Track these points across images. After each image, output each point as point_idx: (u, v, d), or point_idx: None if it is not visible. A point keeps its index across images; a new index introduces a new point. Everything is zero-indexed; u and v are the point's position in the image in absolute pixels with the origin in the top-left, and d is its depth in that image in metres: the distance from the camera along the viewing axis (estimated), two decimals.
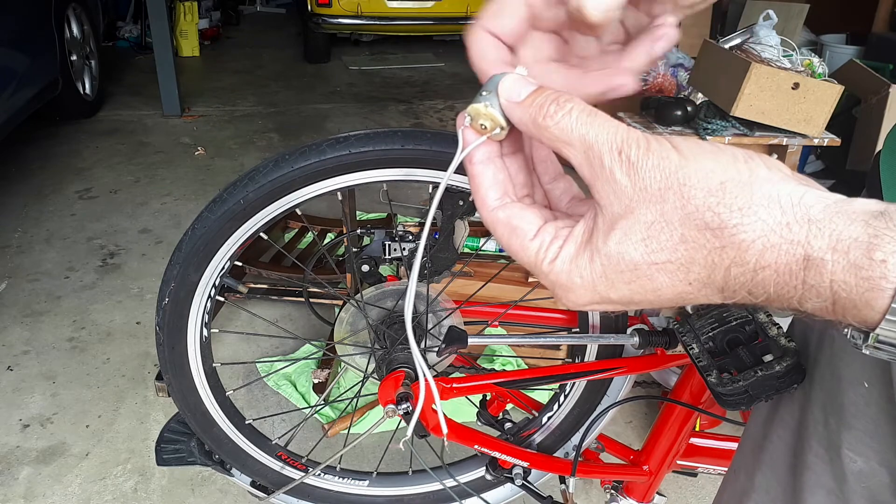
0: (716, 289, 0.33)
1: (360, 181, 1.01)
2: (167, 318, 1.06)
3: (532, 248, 0.37)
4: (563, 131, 0.35)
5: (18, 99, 3.06)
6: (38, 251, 2.71)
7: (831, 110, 2.58)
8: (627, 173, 0.33)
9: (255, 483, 1.30)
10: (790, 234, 0.31)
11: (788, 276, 0.31)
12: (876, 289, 0.30)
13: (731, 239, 0.32)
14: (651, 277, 0.34)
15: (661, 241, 0.33)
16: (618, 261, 0.34)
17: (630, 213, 0.34)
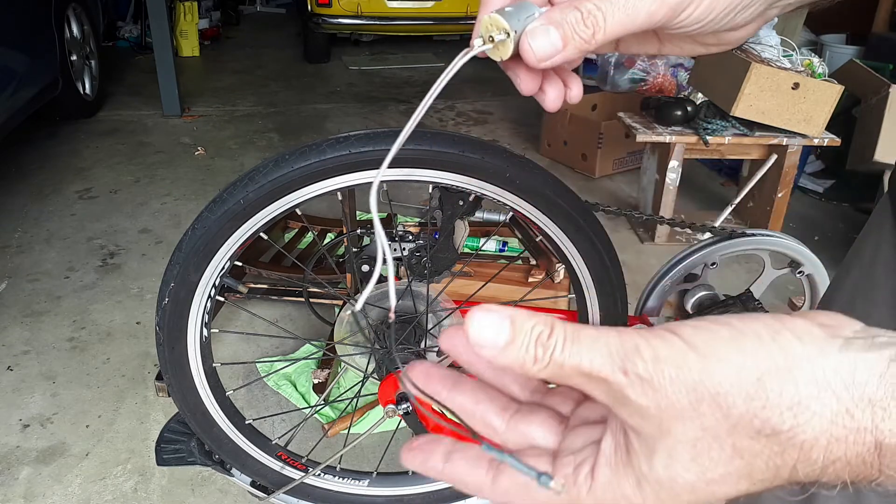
0: (784, 482, 0.30)
1: (360, 181, 1.02)
2: (167, 318, 1.06)
3: (561, 495, 0.32)
4: (557, 371, 0.31)
5: (18, 99, 3.06)
6: (38, 251, 2.71)
7: (831, 110, 2.58)
8: (645, 393, 0.29)
9: (254, 483, 1.30)
10: (853, 423, 0.28)
11: (862, 465, 0.28)
12: None
13: (790, 442, 0.28)
14: (711, 492, 0.30)
15: (713, 457, 0.29)
16: (671, 486, 0.30)
17: (668, 434, 0.30)
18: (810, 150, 3.37)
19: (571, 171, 3.60)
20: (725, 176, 3.60)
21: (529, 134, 4.10)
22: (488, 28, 0.37)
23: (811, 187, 3.46)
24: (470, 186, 1.05)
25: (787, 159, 2.73)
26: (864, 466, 0.28)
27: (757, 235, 1.40)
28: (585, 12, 0.37)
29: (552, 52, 0.37)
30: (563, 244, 1.09)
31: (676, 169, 2.76)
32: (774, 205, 2.83)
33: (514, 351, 0.31)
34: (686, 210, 3.14)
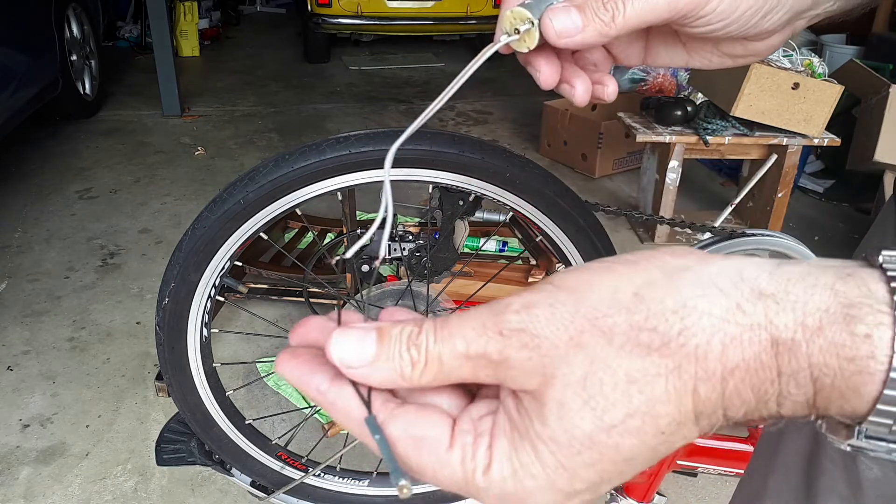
0: (691, 424, 0.27)
1: (360, 181, 1.01)
2: (167, 318, 1.06)
3: (454, 460, 0.28)
4: (438, 368, 0.28)
5: (18, 99, 3.06)
6: (38, 251, 2.71)
7: (831, 110, 2.58)
8: (524, 345, 0.27)
9: (254, 483, 1.30)
10: (746, 318, 0.26)
11: (761, 370, 0.26)
12: (863, 372, 0.25)
13: (683, 350, 0.26)
14: (616, 446, 0.27)
15: (608, 395, 0.26)
16: (568, 442, 0.27)
17: (554, 379, 0.27)
18: (810, 150, 3.37)
19: (571, 171, 3.60)
20: (725, 176, 3.60)
21: (529, 134, 4.10)
22: (512, 22, 0.38)
23: (811, 187, 3.46)
24: (470, 186, 1.04)
25: (787, 159, 2.73)
26: (764, 373, 0.26)
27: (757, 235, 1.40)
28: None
29: (573, 30, 0.37)
30: (563, 244, 1.09)
31: (676, 169, 2.75)
32: (774, 205, 2.83)
33: (386, 362, 0.29)
34: (686, 210, 3.14)
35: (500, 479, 0.28)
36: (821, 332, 0.25)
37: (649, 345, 0.26)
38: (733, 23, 0.39)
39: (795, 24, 0.42)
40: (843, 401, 0.26)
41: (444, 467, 0.29)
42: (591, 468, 0.27)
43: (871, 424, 0.26)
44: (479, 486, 0.28)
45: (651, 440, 0.27)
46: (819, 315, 0.25)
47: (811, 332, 0.25)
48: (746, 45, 0.43)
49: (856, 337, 0.25)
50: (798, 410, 0.27)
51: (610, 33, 0.37)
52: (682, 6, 0.37)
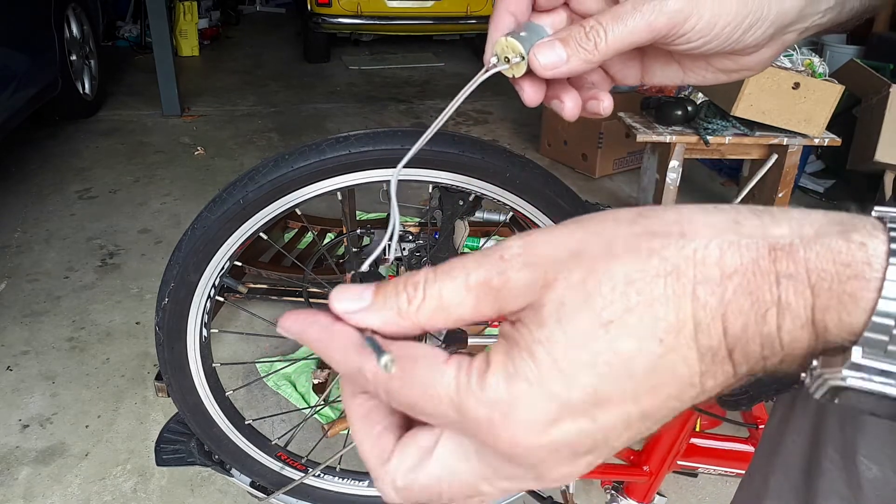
0: (689, 336, 0.26)
1: (360, 181, 1.01)
2: (167, 318, 1.06)
3: (449, 371, 0.28)
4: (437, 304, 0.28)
5: (18, 99, 3.06)
6: (38, 251, 2.71)
7: (832, 110, 2.58)
8: (525, 264, 0.28)
9: (254, 483, 1.30)
10: (744, 229, 0.27)
11: (759, 276, 0.26)
12: (860, 276, 0.25)
13: (682, 253, 0.26)
14: (614, 346, 0.26)
15: (606, 295, 0.26)
16: (564, 339, 0.26)
17: (552, 284, 0.27)
18: (811, 149, 3.36)
19: (572, 171, 3.59)
20: (726, 176, 3.60)
21: (529, 134, 4.09)
22: (504, 49, 0.41)
23: (812, 187, 3.45)
24: (470, 186, 1.04)
25: (788, 159, 2.73)
26: (762, 279, 0.26)
27: None
28: (588, 28, 0.39)
29: (557, 62, 0.40)
30: None
31: (677, 169, 2.75)
32: (775, 204, 2.83)
33: (384, 301, 0.29)
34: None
35: (493, 384, 0.27)
36: (817, 239, 0.26)
37: (649, 248, 0.27)
38: (713, 39, 0.40)
39: (785, 38, 0.43)
40: (842, 309, 0.25)
41: (437, 382, 0.28)
42: (589, 371, 0.26)
43: (866, 342, 0.25)
44: (472, 397, 0.27)
45: (651, 346, 0.26)
46: (815, 227, 0.26)
47: (808, 240, 0.26)
48: (737, 60, 0.44)
49: (851, 244, 0.25)
50: (798, 334, 0.26)
51: (595, 60, 0.40)
52: (661, 27, 0.39)
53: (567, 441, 0.27)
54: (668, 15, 0.38)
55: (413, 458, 0.30)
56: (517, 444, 0.27)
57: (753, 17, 0.40)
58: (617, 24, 0.39)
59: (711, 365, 0.27)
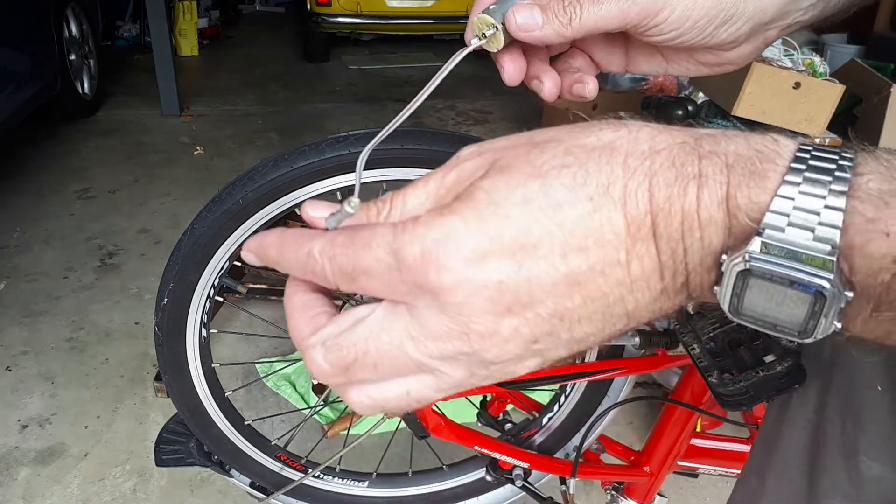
0: (618, 199, 0.28)
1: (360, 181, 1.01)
2: (166, 318, 1.06)
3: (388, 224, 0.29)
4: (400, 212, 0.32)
5: (17, 98, 3.06)
6: (37, 251, 2.70)
7: (833, 110, 2.58)
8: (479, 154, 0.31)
9: (254, 484, 1.29)
10: (675, 131, 0.30)
11: (684, 153, 0.28)
12: (770, 161, 0.28)
13: (617, 133, 0.29)
14: (547, 192, 0.28)
15: (546, 157, 0.29)
16: (504, 183, 0.28)
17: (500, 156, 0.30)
18: None
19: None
20: None
21: None
22: (479, 27, 0.42)
23: None
24: None
25: None
26: (686, 155, 0.28)
27: None
28: (567, 2, 0.40)
29: (533, 25, 0.41)
30: None
31: None
32: None
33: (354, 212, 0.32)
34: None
35: (426, 220, 0.28)
36: (739, 134, 0.29)
37: (589, 130, 0.30)
38: (686, 32, 0.41)
39: (766, 35, 0.44)
40: (752, 186, 0.27)
41: (377, 234, 0.29)
42: (522, 209, 0.27)
43: (767, 227, 0.27)
44: (407, 235, 0.28)
45: (580, 201, 0.27)
46: (736, 131, 0.29)
47: (731, 135, 0.29)
48: (718, 54, 0.45)
49: (766, 138, 0.29)
50: (714, 213, 0.27)
51: (567, 34, 0.41)
52: (633, 16, 0.40)
53: (492, 282, 0.27)
54: (640, 5, 0.39)
55: (346, 323, 0.31)
56: (444, 272, 0.27)
57: (728, 13, 0.40)
58: (593, 6, 0.40)
59: (637, 238, 0.28)
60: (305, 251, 0.31)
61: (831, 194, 0.26)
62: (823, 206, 0.26)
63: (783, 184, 0.27)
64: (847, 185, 0.27)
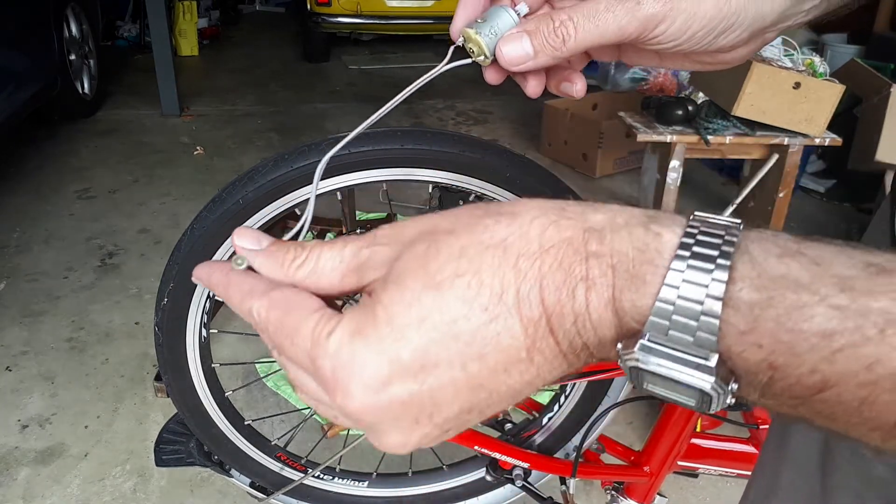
0: (512, 306, 0.28)
1: (360, 181, 1.01)
2: (166, 318, 1.06)
3: (311, 319, 0.31)
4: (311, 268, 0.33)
5: (17, 98, 3.06)
6: (37, 251, 2.70)
7: (833, 110, 2.58)
8: (388, 243, 0.32)
9: (254, 484, 1.29)
10: (567, 212, 0.30)
11: (572, 251, 0.29)
12: (650, 263, 0.28)
13: (510, 228, 0.30)
14: (442, 307, 0.28)
15: (441, 260, 0.29)
16: (400, 298, 0.29)
17: (400, 256, 0.31)
18: (812, 149, 3.36)
19: (572, 171, 3.59)
20: (726, 175, 3.60)
21: (530, 133, 4.09)
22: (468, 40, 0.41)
23: (812, 187, 3.45)
24: (470, 186, 1.04)
25: (789, 159, 2.73)
26: (574, 254, 0.29)
27: None
28: (558, 22, 0.39)
29: (524, 57, 0.40)
30: None
31: (677, 168, 2.75)
32: (775, 204, 2.82)
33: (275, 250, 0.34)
34: (687, 210, 3.13)
35: (337, 339, 0.30)
36: (625, 226, 0.29)
37: (484, 224, 0.30)
38: (685, 42, 0.40)
39: (765, 37, 0.43)
40: (634, 291, 0.28)
41: (301, 326, 0.31)
42: (418, 329, 0.28)
43: (651, 326, 0.27)
44: (321, 349, 0.30)
45: (475, 313, 0.28)
46: (626, 218, 0.29)
47: (617, 227, 0.29)
48: (715, 56, 0.44)
49: (649, 232, 0.28)
50: (603, 314, 0.28)
51: (563, 56, 0.40)
52: (632, 31, 0.39)
53: (398, 402, 0.29)
54: (640, 20, 0.38)
55: None
56: (349, 398, 0.29)
57: (728, 23, 0.40)
58: (588, 23, 0.39)
59: (535, 338, 0.29)
60: (247, 307, 0.34)
61: (709, 298, 0.27)
62: (700, 314, 0.27)
63: (663, 287, 0.27)
64: (723, 289, 0.27)
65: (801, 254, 0.27)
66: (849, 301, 0.25)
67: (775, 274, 0.27)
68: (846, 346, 0.25)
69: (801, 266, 0.27)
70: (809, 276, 0.26)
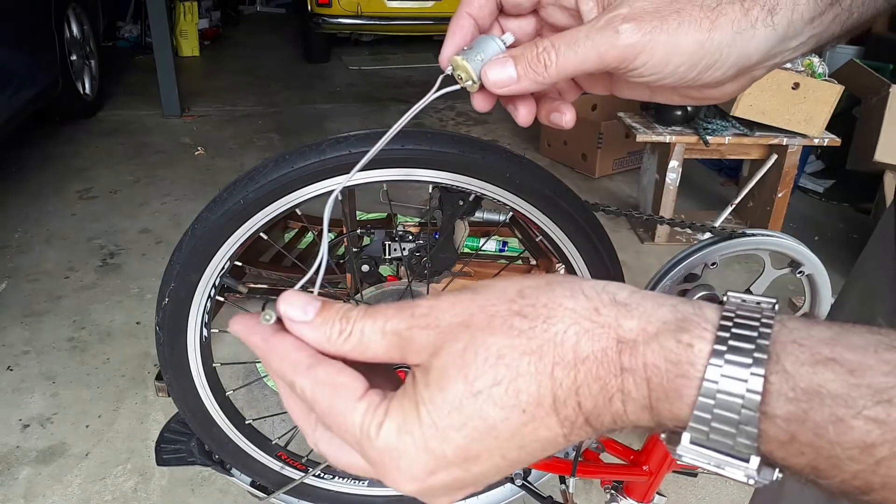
0: (549, 408, 0.30)
1: (360, 181, 1.01)
2: (167, 318, 1.06)
3: (359, 409, 0.33)
4: (358, 339, 0.34)
5: (18, 99, 3.06)
6: (38, 251, 2.71)
7: (831, 110, 2.58)
8: (428, 326, 0.32)
9: (254, 483, 1.30)
10: (600, 318, 0.30)
11: (607, 364, 0.30)
12: (684, 376, 0.29)
13: (545, 335, 0.30)
14: (481, 413, 0.30)
15: (479, 366, 0.31)
16: (442, 402, 0.31)
17: (440, 351, 0.32)
18: (810, 150, 3.37)
19: (571, 171, 3.60)
20: (725, 176, 3.60)
21: (529, 134, 4.09)
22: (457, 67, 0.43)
23: (811, 187, 3.45)
24: (470, 186, 1.04)
25: (788, 159, 2.73)
26: (609, 366, 0.30)
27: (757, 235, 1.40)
28: (541, 48, 0.40)
29: (508, 81, 0.41)
30: (563, 244, 1.09)
31: (676, 169, 2.75)
32: (774, 205, 2.83)
33: (321, 324, 0.34)
34: (686, 210, 3.14)
35: (386, 435, 0.32)
36: (656, 337, 0.29)
37: (520, 327, 0.31)
38: (668, 76, 0.40)
39: (753, 74, 0.43)
40: (670, 403, 0.29)
41: (349, 415, 0.33)
42: (459, 432, 0.30)
43: (692, 430, 0.29)
44: (370, 441, 0.32)
45: (514, 416, 0.30)
46: (658, 324, 0.30)
47: (649, 337, 0.30)
48: (701, 91, 0.44)
49: (680, 344, 0.29)
50: (640, 414, 0.30)
51: (545, 82, 0.41)
52: (611, 60, 0.39)
53: (443, 485, 0.32)
54: (619, 49, 0.39)
55: None
56: (401, 487, 0.32)
57: (710, 60, 0.39)
58: (569, 49, 0.39)
59: (572, 429, 0.31)
60: (289, 380, 0.35)
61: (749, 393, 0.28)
62: (742, 409, 0.28)
63: (699, 398, 0.28)
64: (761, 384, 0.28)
65: (833, 361, 0.27)
66: (886, 414, 0.26)
67: (809, 387, 0.27)
68: (888, 457, 0.26)
69: (836, 376, 0.27)
70: (845, 388, 0.27)
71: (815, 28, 0.40)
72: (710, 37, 0.38)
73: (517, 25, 0.46)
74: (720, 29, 0.38)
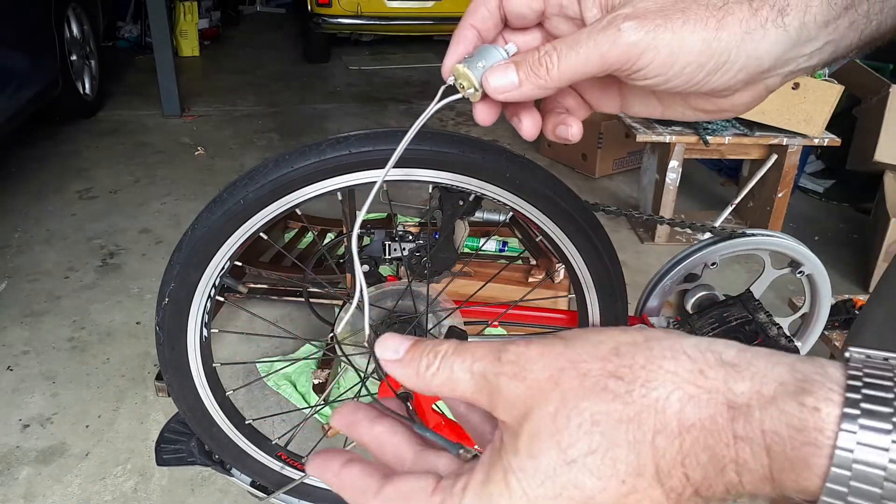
0: (652, 479, 0.28)
1: (360, 181, 1.01)
2: (167, 318, 1.06)
3: (436, 500, 0.31)
4: (447, 376, 0.33)
5: (18, 99, 3.06)
6: (38, 251, 2.71)
7: (831, 110, 2.58)
8: (516, 376, 0.31)
9: (254, 483, 1.30)
10: (706, 382, 0.28)
11: (717, 432, 0.27)
12: (812, 444, 0.26)
13: (644, 401, 0.28)
14: (577, 482, 0.28)
15: (573, 431, 0.29)
16: (534, 471, 0.29)
17: (530, 413, 0.30)
18: (810, 150, 3.36)
19: (571, 171, 3.60)
20: (725, 176, 3.60)
21: None
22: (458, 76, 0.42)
23: (811, 187, 3.45)
24: (470, 186, 1.04)
25: (788, 159, 2.73)
26: (719, 435, 0.27)
27: (757, 235, 1.40)
28: (542, 52, 0.39)
29: (509, 87, 0.40)
30: (563, 244, 1.09)
31: (676, 169, 2.75)
32: (774, 205, 2.83)
33: (411, 360, 0.34)
34: (686, 210, 3.14)
35: None
36: (774, 401, 0.26)
37: (615, 391, 0.29)
38: (674, 77, 0.39)
39: (767, 83, 0.41)
40: (796, 474, 0.26)
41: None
42: (554, 501, 0.29)
43: (824, 502, 0.26)
44: None
45: (612, 485, 0.28)
46: (774, 386, 0.27)
47: (765, 401, 0.27)
48: (713, 102, 0.43)
49: (804, 408, 0.26)
50: (759, 485, 0.27)
51: (548, 86, 0.40)
52: (614, 60, 0.38)
53: None
54: (622, 48, 0.37)
55: None
56: None
57: (718, 61, 0.38)
58: (570, 50, 0.38)
59: (679, 500, 0.28)
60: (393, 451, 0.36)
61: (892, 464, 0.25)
62: (881, 499, 0.25)
63: (832, 468, 0.25)
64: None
65: None
66: None
67: None
68: None
69: None
70: None
71: (830, 34, 0.39)
72: (718, 36, 0.37)
73: (522, 41, 0.45)
74: (727, 28, 0.37)
